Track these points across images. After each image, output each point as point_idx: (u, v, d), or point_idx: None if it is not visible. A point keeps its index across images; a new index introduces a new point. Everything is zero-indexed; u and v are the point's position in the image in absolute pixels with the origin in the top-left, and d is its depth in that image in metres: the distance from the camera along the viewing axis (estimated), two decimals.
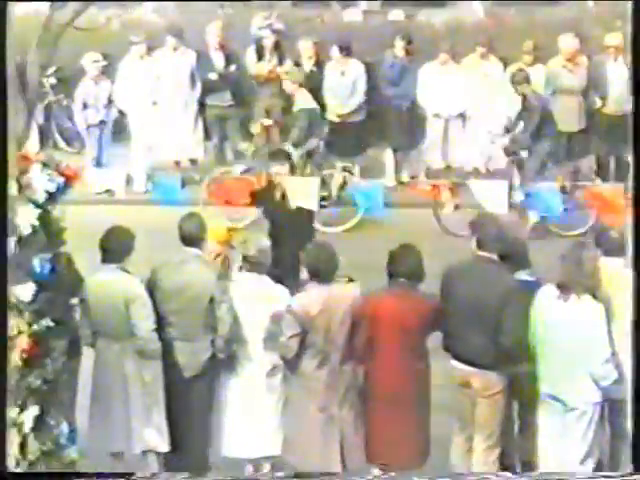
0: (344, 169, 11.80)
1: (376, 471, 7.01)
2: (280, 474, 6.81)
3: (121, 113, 12.42)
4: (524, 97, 11.41)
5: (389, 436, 6.85)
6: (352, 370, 6.88)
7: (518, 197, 12.15)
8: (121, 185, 12.26)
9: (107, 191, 12.03)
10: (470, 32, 12.76)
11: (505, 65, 12.35)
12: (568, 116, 12.04)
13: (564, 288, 6.52)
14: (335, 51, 12.19)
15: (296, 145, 11.34)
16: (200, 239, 7.13)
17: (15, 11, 5.94)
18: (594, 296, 6.48)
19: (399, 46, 12.20)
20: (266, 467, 7.29)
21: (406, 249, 6.89)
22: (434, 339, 6.99)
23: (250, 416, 7.01)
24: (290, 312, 6.76)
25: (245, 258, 7.01)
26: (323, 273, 6.79)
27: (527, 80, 11.39)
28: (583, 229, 11.24)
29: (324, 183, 11.31)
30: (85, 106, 12.25)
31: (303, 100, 11.69)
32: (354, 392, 6.89)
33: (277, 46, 12.30)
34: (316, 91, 12.24)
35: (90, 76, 12.18)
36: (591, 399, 6.57)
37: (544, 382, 6.68)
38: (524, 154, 11.47)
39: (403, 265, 6.80)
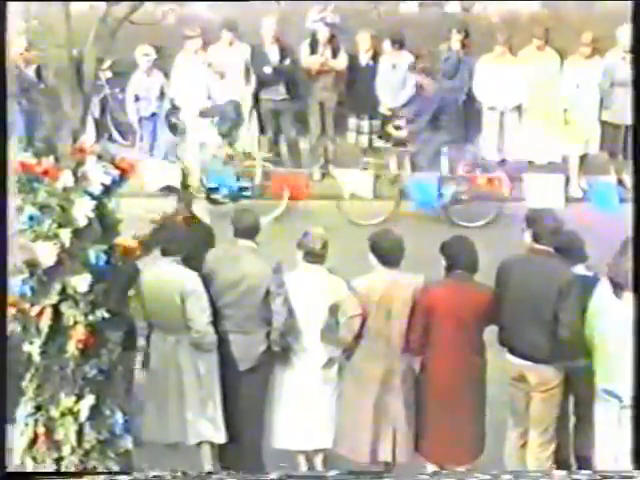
0: (264, 160, 11.89)
1: (430, 467, 6.99)
2: (333, 473, 6.81)
3: (175, 107, 12.49)
4: (420, 87, 11.53)
5: (444, 430, 6.81)
6: (408, 362, 6.87)
7: (575, 191, 12.08)
8: (176, 178, 12.34)
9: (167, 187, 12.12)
10: (527, 24, 12.63)
11: (562, 57, 12.22)
12: (626, 109, 11.88)
13: (616, 284, 6.44)
14: (388, 44, 12.14)
15: (224, 136, 11.61)
16: (254, 232, 7.15)
17: (71, 5, 6.00)
18: None
19: (455, 39, 12.13)
20: (318, 459, 7.30)
21: (460, 240, 6.86)
22: (489, 333, 6.95)
23: (304, 408, 7.02)
24: (353, 292, 6.77)
25: (308, 251, 7.00)
26: (389, 258, 6.80)
27: (426, 70, 11.36)
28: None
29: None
30: (137, 98, 12.35)
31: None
32: (409, 385, 6.87)
33: (331, 39, 12.28)
34: (372, 84, 12.23)
35: (142, 69, 12.28)
36: None
37: (600, 377, 6.59)
38: (415, 145, 11.60)
39: (459, 256, 6.77)
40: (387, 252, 6.81)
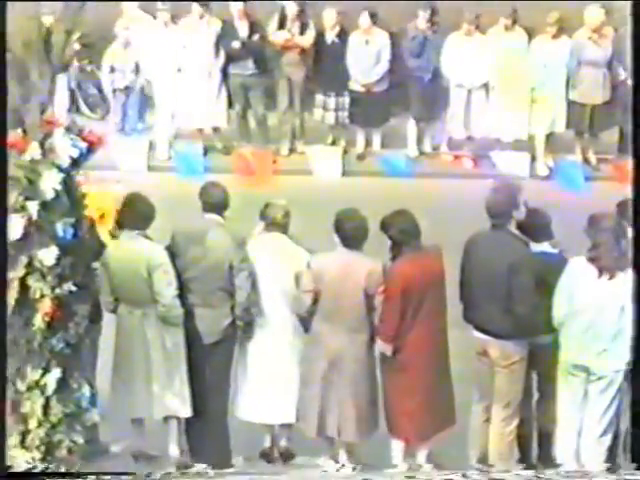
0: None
1: (398, 446, 7.02)
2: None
3: (147, 81, 12.42)
4: None
5: (413, 405, 6.85)
6: (361, 343, 6.86)
7: (541, 169, 12.15)
8: (144, 152, 12.29)
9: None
10: (495, 3, 12.65)
11: (530, 36, 12.26)
12: (593, 88, 11.96)
13: (595, 260, 6.49)
14: (364, 17, 12.06)
15: None
16: (222, 207, 7.15)
17: None
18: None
19: (422, 17, 12.12)
20: (283, 434, 7.34)
21: (399, 214, 6.83)
22: (456, 310, 6.99)
23: (268, 381, 7.07)
24: (308, 268, 6.82)
25: (272, 220, 7.02)
26: (352, 239, 6.79)
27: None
28: (606, 201, 11.18)
29: None
30: (112, 69, 12.29)
31: None
32: (361, 365, 6.88)
33: (300, 15, 12.23)
34: (338, 61, 12.20)
35: (120, 41, 12.22)
36: (620, 366, 6.56)
37: (570, 353, 6.66)
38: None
39: (407, 229, 6.75)
40: (349, 233, 6.79)
